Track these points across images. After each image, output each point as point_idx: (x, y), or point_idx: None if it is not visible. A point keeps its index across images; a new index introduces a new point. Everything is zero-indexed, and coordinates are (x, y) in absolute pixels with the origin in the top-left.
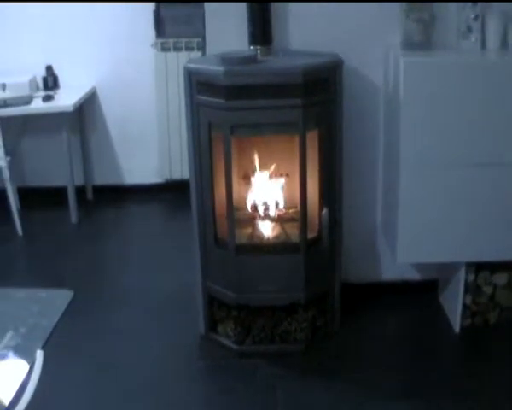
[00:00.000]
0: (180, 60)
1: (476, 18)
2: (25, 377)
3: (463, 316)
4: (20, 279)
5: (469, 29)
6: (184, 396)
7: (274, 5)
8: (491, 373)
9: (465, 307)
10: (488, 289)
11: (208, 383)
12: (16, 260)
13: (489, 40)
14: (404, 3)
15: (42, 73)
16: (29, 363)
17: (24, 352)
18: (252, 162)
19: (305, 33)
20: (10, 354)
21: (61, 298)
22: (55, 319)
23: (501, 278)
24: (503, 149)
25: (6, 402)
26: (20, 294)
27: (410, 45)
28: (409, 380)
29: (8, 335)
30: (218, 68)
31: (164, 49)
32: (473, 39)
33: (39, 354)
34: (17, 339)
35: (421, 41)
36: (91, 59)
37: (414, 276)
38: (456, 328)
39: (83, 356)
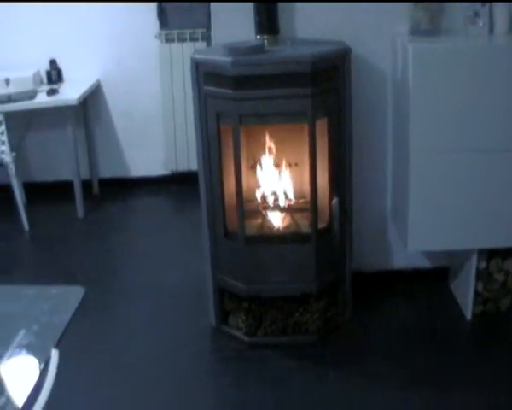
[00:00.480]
0: (185, 51)
1: (484, 3)
2: (39, 377)
3: (475, 303)
4: (28, 274)
5: (477, 14)
6: (197, 389)
7: None
8: (504, 360)
9: (477, 294)
10: (500, 277)
11: (220, 375)
12: (23, 255)
13: (497, 25)
14: None
15: (46, 66)
16: (43, 362)
17: (37, 350)
18: (261, 153)
19: (312, 22)
20: (23, 352)
21: (72, 295)
22: (68, 317)
23: None
24: None
25: (19, 403)
26: (31, 291)
27: (417, 32)
28: (422, 369)
29: (21, 333)
30: (226, 59)
31: (168, 40)
32: (480, 24)
33: (54, 354)
34: (30, 337)
35: (429, 28)
36: (95, 52)
37: (424, 264)
38: (468, 315)
39: (95, 354)
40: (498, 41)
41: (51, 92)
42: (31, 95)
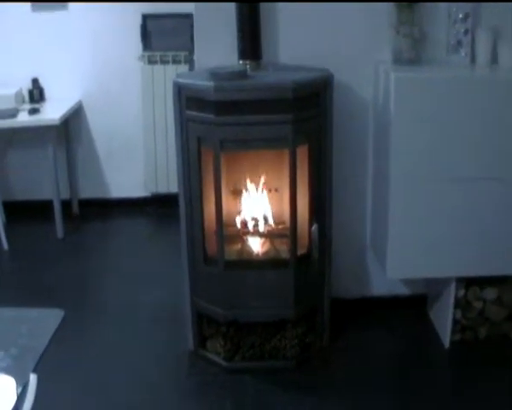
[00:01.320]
0: (167, 73)
1: (466, 32)
2: (16, 401)
3: (453, 331)
4: (6, 294)
5: (459, 44)
6: None
7: (263, 20)
8: (482, 388)
9: (455, 321)
10: (478, 304)
11: (198, 400)
12: (2, 275)
13: (479, 55)
14: (393, 19)
15: (28, 85)
16: (20, 385)
17: (15, 373)
18: (241, 178)
19: (295, 48)
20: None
21: (51, 318)
22: (46, 340)
23: (491, 293)
24: (494, 163)
25: None
26: (10, 313)
27: (400, 61)
28: (399, 396)
29: None
30: (208, 83)
31: (151, 62)
32: (463, 54)
33: (32, 379)
34: (8, 360)
35: (411, 57)
36: (77, 72)
37: (403, 291)
38: (446, 343)
39: (74, 377)
40: (480, 72)
41: (33, 111)
42: (12, 113)
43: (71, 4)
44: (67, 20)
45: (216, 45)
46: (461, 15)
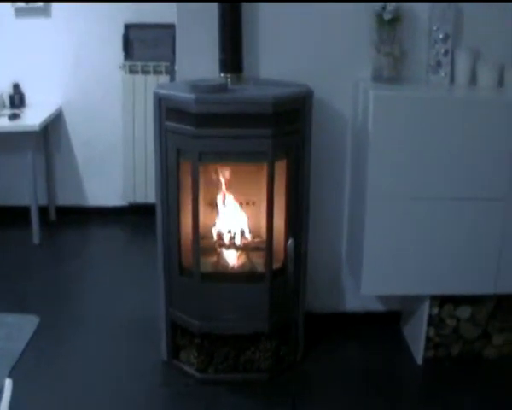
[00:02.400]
0: (148, 83)
1: (446, 53)
2: None
3: (426, 348)
4: None
5: (439, 64)
6: None
7: (245, 33)
8: (453, 405)
9: (428, 339)
10: (452, 322)
11: None
12: None
13: (458, 76)
14: (374, 37)
15: (9, 90)
16: None
17: None
18: (219, 190)
19: (276, 63)
20: None
21: (27, 324)
22: (22, 345)
23: (464, 312)
24: (470, 183)
25: None
26: None
27: (379, 79)
28: None
29: None
30: (189, 95)
31: (132, 71)
32: (442, 74)
33: (8, 383)
34: None
35: (391, 75)
36: (59, 79)
37: (377, 307)
38: (419, 360)
39: (47, 383)
40: (459, 92)
41: (13, 117)
42: None
43: (54, 11)
44: (50, 27)
45: (197, 57)
46: (441, 36)
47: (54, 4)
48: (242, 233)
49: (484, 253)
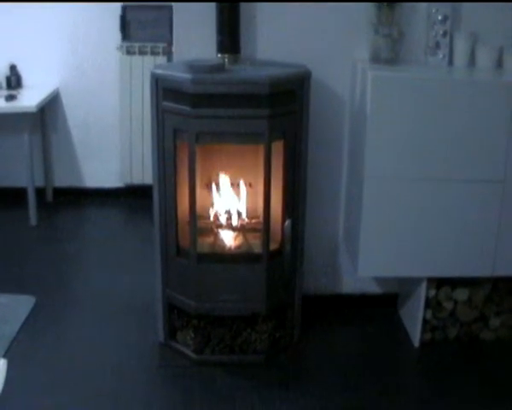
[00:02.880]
0: (145, 64)
1: (445, 34)
2: None
3: (423, 331)
4: None
5: (437, 45)
6: (143, 404)
7: (243, 14)
8: (451, 388)
9: (425, 321)
10: (449, 305)
11: (167, 391)
12: None
13: (456, 57)
14: (373, 18)
15: (6, 72)
16: None
17: None
18: (216, 171)
19: (273, 44)
20: None
21: (22, 304)
22: (17, 326)
23: (462, 294)
24: (467, 165)
25: None
26: None
27: (377, 60)
28: (368, 394)
29: None
30: (186, 76)
31: (129, 52)
32: (440, 56)
33: (2, 364)
34: None
35: (390, 57)
36: (55, 60)
37: (374, 289)
38: (416, 342)
39: (43, 364)
40: (457, 74)
41: (10, 98)
42: None
43: None
44: (47, 8)
45: (194, 38)
46: (440, 17)
47: None
48: (239, 214)
49: (481, 235)
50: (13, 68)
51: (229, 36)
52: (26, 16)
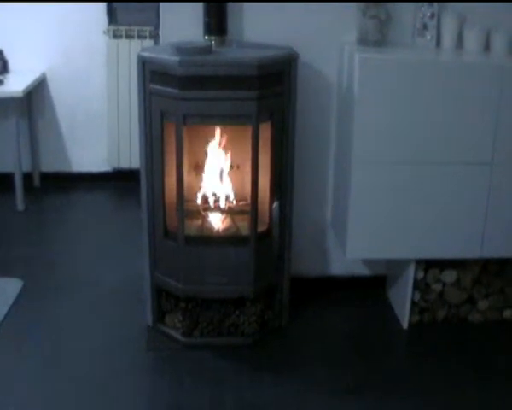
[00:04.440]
0: (132, 48)
1: (432, 16)
2: None
3: (412, 313)
4: None
5: (425, 27)
6: (131, 388)
7: None
8: (439, 370)
9: (413, 303)
10: (437, 287)
11: (156, 374)
12: None
13: (444, 39)
14: (360, 0)
15: None
16: None
17: None
18: (203, 153)
19: (260, 26)
20: None
21: (10, 287)
22: (5, 309)
23: (450, 276)
24: (455, 147)
25: None
26: None
27: (365, 43)
28: (355, 376)
29: None
30: (173, 58)
31: (116, 36)
32: (428, 37)
33: None
34: None
35: (377, 39)
36: (42, 44)
37: (362, 271)
38: (405, 324)
39: (31, 347)
40: (445, 56)
41: None
42: None
43: None
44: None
45: (181, 20)
46: None
47: None
48: (227, 196)
49: (469, 217)
50: None
51: (216, 18)
52: (11, 2)
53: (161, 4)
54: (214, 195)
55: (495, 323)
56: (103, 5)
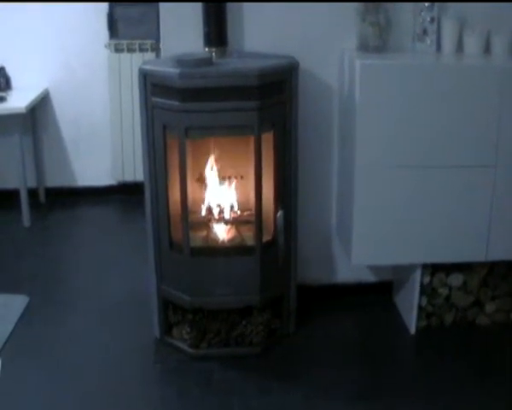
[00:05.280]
0: (134, 61)
1: (432, 20)
2: None
3: (419, 317)
4: None
5: (425, 32)
6: (140, 400)
7: (229, 7)
8: (447, 374)
9: (420, 308)
10: (444, 291)
11: (164, 386)
12: None
13: (444, 43)
14: (360, 6)
15: None
16: None
17: None
18: (207, 165)
19: (260, 35)
20: None
21: (16, 304)
22: (11, 326)
23: (456, 280)
24: (458, 151)
25: None
26: None
27: (365, 49)
28: (365, 382)
29: None
30: (174, 70)
31: (117, 50)
32: (428, 42)
33: None
34: None
35: (377, 44)
36: (44, 60)
37: (369, 277)
38: (412, 329)
39: (39, 363)
40: (445, 60)
41: None
42: None
43: None
44: (34, 8)
45: (182, 32)
46: (427, 4)
47: None
48: (231, 207)
49: (474, 220)
50: (1, 70)
51: (216, 29)
52: (13, 18)
53: (161, 17)
54: (219, 206)
55: (503, 325)
56: (104, 19)
